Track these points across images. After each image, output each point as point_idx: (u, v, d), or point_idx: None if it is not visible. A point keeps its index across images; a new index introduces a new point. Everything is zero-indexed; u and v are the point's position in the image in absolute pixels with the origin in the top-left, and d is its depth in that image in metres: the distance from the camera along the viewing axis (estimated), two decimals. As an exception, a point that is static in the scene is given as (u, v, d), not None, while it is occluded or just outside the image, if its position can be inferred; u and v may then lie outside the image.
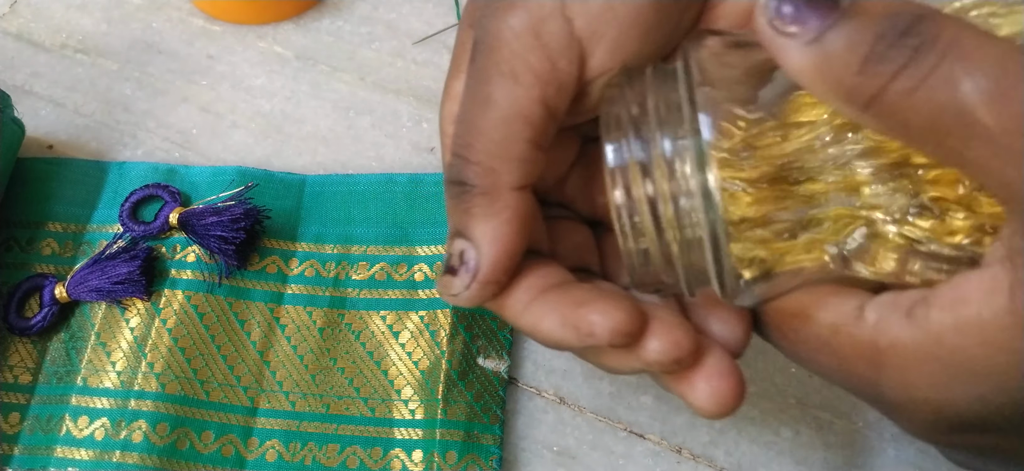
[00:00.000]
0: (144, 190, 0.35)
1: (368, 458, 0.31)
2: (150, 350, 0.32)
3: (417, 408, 0.31)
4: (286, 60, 0.41)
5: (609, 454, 0.31)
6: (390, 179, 0.36)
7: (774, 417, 0.32)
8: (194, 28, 0.42)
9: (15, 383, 0.32)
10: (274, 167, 0.37)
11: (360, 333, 0.33)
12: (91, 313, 0.33)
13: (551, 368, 0.33)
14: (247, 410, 0.32)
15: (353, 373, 0.32)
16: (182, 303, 0.33)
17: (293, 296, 0.34)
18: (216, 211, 0.34)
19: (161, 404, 0.31)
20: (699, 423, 0.32)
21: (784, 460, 0.31)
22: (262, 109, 0.39)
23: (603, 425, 0.32)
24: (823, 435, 0.31)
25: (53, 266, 0.34)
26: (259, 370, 0.32)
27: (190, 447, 0.30)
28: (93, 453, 0.30)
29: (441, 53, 0.41)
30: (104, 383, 0.31)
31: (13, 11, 0.43)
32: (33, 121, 0.38)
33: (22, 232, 0.35)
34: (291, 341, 0.33)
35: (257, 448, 0.31)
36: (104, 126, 0.39)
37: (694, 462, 0.31)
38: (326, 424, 0.31)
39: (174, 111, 0.39)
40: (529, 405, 0.32)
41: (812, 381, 0.32)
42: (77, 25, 0.42)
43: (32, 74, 0.40)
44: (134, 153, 0.38)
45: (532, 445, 0.31)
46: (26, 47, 0.41)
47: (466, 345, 0.32)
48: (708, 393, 0.22)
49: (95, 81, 0.40)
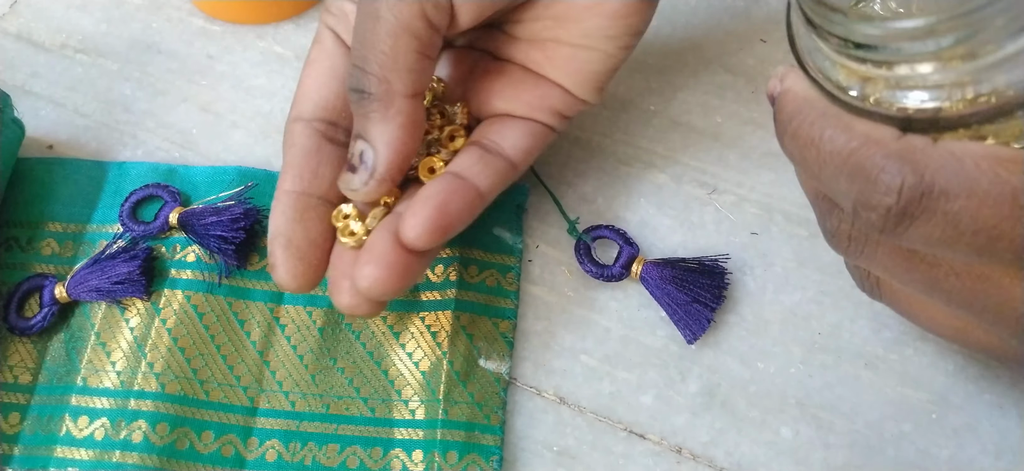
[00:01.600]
0: (144, 190, 0.35)
1: (368, 458, 0.31)
2: (150, 350, 0.32)
3: (418, 408, 0.31)
4: (286, 60, 0.41)
5: (609, 454, 0.31)
6: (390, 179, 0.36)
7: (774, 417, 0.32)
8: (194, 28, 0.42)
9: (15, 383, 0.32)
10: (274, 167, 0.37)
11: (360, 333, 0.33)
12: (91, 313, 0.33)
13: (551, 368, 0.33)
14: (247, 410, 0.32)
15: (353, 373, 0.32)
16: (182, 303, 0.33)
17: (293, 296, 0.34)
18: (216, 211, 0.34)
19: (161, 404, 0.31)
20: (699, 423, 0.32)
21: (784, 460, 0.31)
22: (262, 109, 0.39)
23: (603, 425, 0.32)
24: (823, 435, 0.31)
25: (53, 266, 0.34)
26: (259, 370, 0.32)
27: (190, 447, 0.30)
28: (93, 453, 0.30)
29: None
30: (104, 383, 0.31)
31: (13, 11, 0.43)
32: (33, 121, 0.38)
33: (22, 232, 0.35)
34: (291, 341, 0.33)
35: (257, 448, 0.31)
36: (104, 126, 0.39)
37: (694, 462, 0.31)
38: (326, 424, 0.31)
39: (174, 111, 0.39)
40: (529, 405, 0.32)
41: (812, 381, 0.32)
42: (77, 25, 0.42)
43: (32, 74, 0.40)
44: (134, 153, 0.38)
45: (532, 445, 0.31)
46: (26, 47, 0.41)
47: (468, 347, 0.32)
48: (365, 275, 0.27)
49: (95, 81, 0.40)
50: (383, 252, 0.27)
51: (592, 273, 0.34)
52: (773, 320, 0.34)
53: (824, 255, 0.35)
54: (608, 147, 0.38)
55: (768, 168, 0.37)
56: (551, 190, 0.36)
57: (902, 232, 0.21)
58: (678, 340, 0.33)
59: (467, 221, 0.29)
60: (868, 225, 0.21)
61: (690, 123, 0.39)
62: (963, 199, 0.20)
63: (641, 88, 0.40)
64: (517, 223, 0.35)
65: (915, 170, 0.20)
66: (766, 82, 0.40)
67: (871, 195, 0.21)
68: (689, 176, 0.37)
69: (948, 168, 0.20)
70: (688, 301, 0.33)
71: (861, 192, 0.21)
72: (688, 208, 0.36)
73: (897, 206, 0.20)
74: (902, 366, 0.32)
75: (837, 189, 0.22)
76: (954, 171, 0.20)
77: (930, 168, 0.20)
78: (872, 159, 0.21)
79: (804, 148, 0.22)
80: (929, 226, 0.20)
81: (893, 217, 0.21)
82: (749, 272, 0.35)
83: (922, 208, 0.20)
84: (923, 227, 0.20)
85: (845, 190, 0.22)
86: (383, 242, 0.27)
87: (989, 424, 0.31)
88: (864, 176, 0.21)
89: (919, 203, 0.20)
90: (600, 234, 0.35)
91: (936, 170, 0.20)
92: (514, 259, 0.35)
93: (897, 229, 0.21)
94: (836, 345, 0.33)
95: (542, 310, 0.34)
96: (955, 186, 0.20)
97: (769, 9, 0.43)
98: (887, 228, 0.21)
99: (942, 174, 0.20)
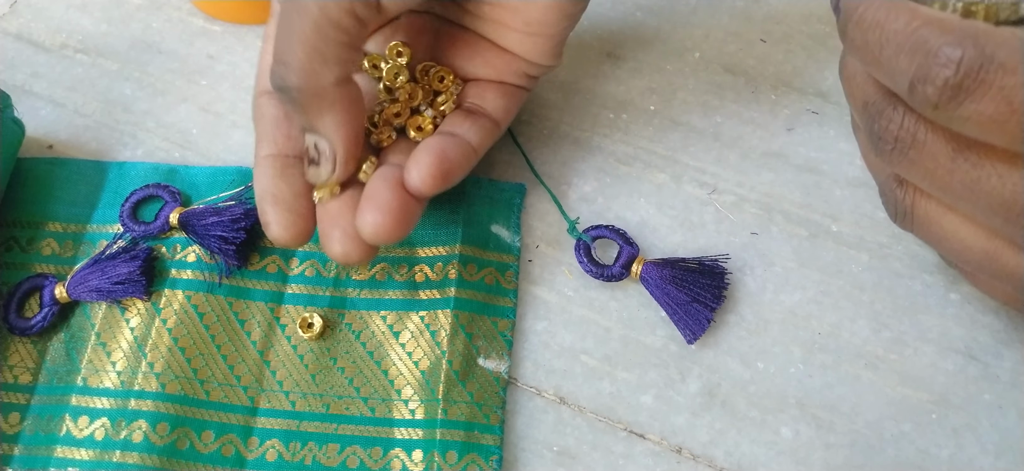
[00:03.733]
0: (144, 190, 0.35)
1: (368, 458, 0.31)
2: (150, 350, 0.32)
3: (417, 408, 0.31)
4: (286, 60, 0.41)
5: (609, 454, 0.31)
6: (390, 179, 0.36)
7: (774, 417, 0.32)
8: (194, 28, 0.42)
9: (15, 383, 0.32)
10: (274, 167, 0.37)
11: (360, 333, 0.33)
12: (91, 313, 0.33)
13: (551, 368, 0.33)
14: (247, 410, 0.32)
15: (353, 373, 0.32)
16: (182, 303, 0.33)
17: (293, 296, 0.34)
18: (216, 211, 0.34)
19: (161, 404, 0.31)
20: (699, 423, 0.32)
21: (784, 460, 0.31)
22: (262, 109, 0.39)
23: (603, 425, 0.32)
24: (823, 435, 0.31)
25: (53, 266, 0.34)
26: (259, 370, 0.32)
27: (190, 447, 0.30)
28: (93, 453, 0.30)
29: (441, 53, 0.41)
30: (104, 383, 0.31)
31: (13, 11, 0.43)
32: (33, 121, 0.38)
33: (22, 232, 0.35)
34: (291, 341, 0.33)
35: (257, 448, 0.31)
36: (104, 126, 0.39)
37: (694, 462, 0.31)
38: (326, 424, 0.31)
39: (174, 111, 0.39)
40: (529, 405, 0.32)
41: (812, 381, 0.32)
42: (77, 25, 0.42)
43: (32, 74, 0.40)
44: (134, 153, 0.38)
45: (532, 445, 0.31)
46: (26, 47, 0.41)
47: (467, 345, 0.32)
48: (367, 222, 0.28)
49: (95, 81, 0.40)
50: (385, 199, 0.28)
51: (592, 273, 0.34)
52: (773, 320, 0.34)
53: (824, 255, 0.35)
54: (608, 147, 0.38)
55: (768, 168, 0.37)
56: (551, 190, 0.36)
57: (955, 108, 0.21)
58: (678, 340, 0.33)
59: (465, 171, 0.31)
60: (923, 101, 0.22)
61: (690, 123, 0.39)
62: (1020, 73, 0.20)
63: (641, 88, 0.40)
64: (515, 221, 0.35)
65: (976, 44, 0.21)
66: (766, 82, 0.40)
67: (930, 67, 0.21)
68: (689, 176, 0.37)
69: (1009, 45, 0.20)
70: (688, 301, 0.33)
71: (920, 66, 0.21)
72: (688, 208, 0.36)
73: (955, 77, 0.21)
74: (902, 366, 0.32)
75: (896, 68, 0.22)
76: (1014, 48, 0.20)
77: (991, 44, 0.20)
78: (935, 35, 0.21)
79: (868, 30, 0.23)
80: (984, 101, 0.21)
81: (950, 89, 0.21)
82: (749, 272, 0.35)
83: (979, 80, 0.21)
84: (978, 102, 0.21)
85: (904, 68, 0.22)
86: (383, 190, 0.29)
87: (989, 424, 0.31)
88: (925, 50, 0.21)
89: (976, 75, 0.20)
90: (600, 234, 0.35)
91: (997, 45, 0.20)
92: (512, 258, 0.35)
93: (951, 104, 0.21)
94: (836, 345, 0.33)
95: (542, 310, 0.34)
96: (1013, 60, 0.20)
97: (769, 9, 0.43)
98: (942, 103, 0.21)
99: (1003, 49, 0.20)
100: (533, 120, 0.39)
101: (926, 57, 0.21)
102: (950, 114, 0.21)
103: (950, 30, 0.21)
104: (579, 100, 0.40)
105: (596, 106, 0.39)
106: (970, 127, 0.22)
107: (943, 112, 0.22)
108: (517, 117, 0.39)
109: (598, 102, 0.39)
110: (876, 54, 0.23)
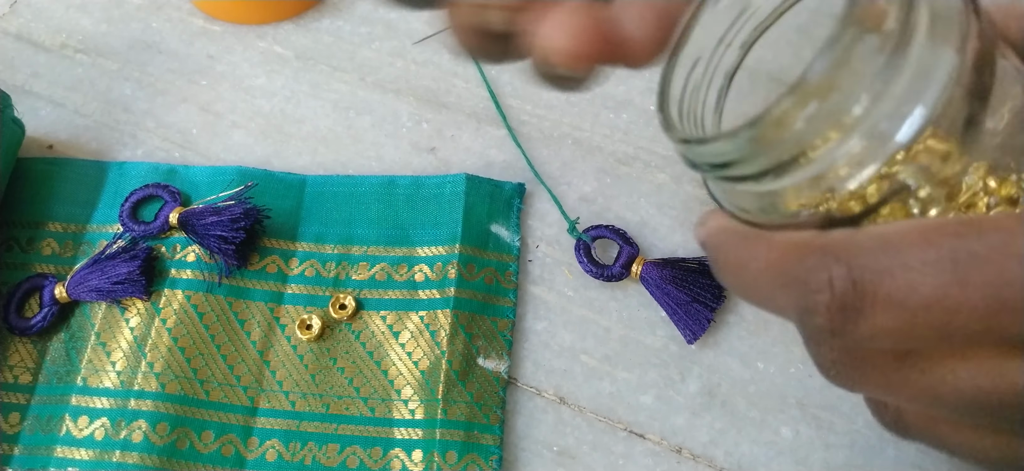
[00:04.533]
0: (144, 190, 0.35)
1: (368, 458, 0.31)
2: (150, 350, 0.32)
3: (417, 408, 0.31)
4: (286, 60, 0.41)
5: (609, 454, 0.31)
6: (391, 181, 0.36)
7: (774, 417, 0.32)
8: (194, 28, 0.42)
9: (15, 383, 0.32)
10: (274, 167, 0.37)
11: (360, 333, 0.33)
12: (91, 313, 0.33)
13: (551, 368, 0.33)
14: (247, 410, 0.32)
15: (353, 373, 0.32)
16: (182, 303, 0.33)
17: (293, 296, 0.34)
18: (216, 211, 0.34)
19: (161, 404, 0.31)
20: (699, 423, 0.32)
21: (784, 460, 0.31)
22: (262, 109, 0.39)
23: (603, 425, 0.32)
24: (823, 435, 0.31)
25: (53, 266, 0.34)
26: (259, 370, 0.32)
27: (190, 447, 0.30)
28: (93, 453, 0.30)
29: (441, 53, 0.41)
30: (104, 383, 0.31)
31: (13, 11, 0.43)
32: (33, 121, 0.38)
33: (22, 232, 0.35)
34: (291, 341, 0.33)
35: (257, 448, 0.31)
36: (104, 126, 0.39)
37: (694, 462, 0.31)
38: (326, 424, 0.31)
39: (174, 111, 0.39)
40: (529, 405, 0.32)
41: (812, 381, 0.32)
42: (77, 25, 0.42)
43: (32, 74, 0.41)
44: (134, 153, 0.38)
45: (532, 445, 0.31)
46: (26, 47, 0.41)
47: (466, 345, 0.32)
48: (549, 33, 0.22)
49: (95, 81, 0.40)
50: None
51: (592, 273, 0.34)
52: (773, 320, 0.33)
53: (824, 255, 0.35)
54: (608, 147, 0.38)
55: (768, 168, 0.37)
56: (551, 190, 0.36)
57: (854, 331, 0.18)
58: (678, 340, 0.33)
59: None
60: (822, 333, 0.19)
61: (690, 123, 0.39)
62: (899, 273, 0.18)
63: (641, 88, 0.40)
64: (515, 221, 0.35)
65: (838, 259, 0.18)
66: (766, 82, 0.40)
67: (806, 298, 0.19)
68: (689, 176, 0.37)
69: (873, 249, 0.18)
70: (688, 301, 0.33)
71: (798, 299, 0.19)
72: (688, 208, 0.36)
73: (834, 301, 0.18)
74: (902, 366, 0.32)
75: (780, 307, 0.20)
76: (879, 249, 0.18)
77: (854, 252, 0.18)
78: (794, 263, 0.19)
79: (737, 274, 0.21)
80: (875, 315, 0.18)
81: (836, 314, 0.18)
82: (749, 272, 0.35)
83: (859, 296, 0.18)
84: (870, 318, 0.18)
85: (784, 305, 0.20)
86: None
87: (989, 424, 0.31)
88: (795, 282, 0.19)
89: (854, 292, 0.18)
90: (600, 234, 0.35)
91: (860, 253, 0.18)
92: (512, 257, 0.35)
93: (847, 328, 0.18)
94: (836, 345, 0.33)
95: (542, 310, 0.34)
96: (885, 263, 0.18)
97: (769, 9, 0.43)
98: (838, 328, 0.19)
99: (869, 256, 0.18)
100: (533, 120, 0.39)
101: (798, 288, 0.19)
102: (855, 338, 0.19)
103: (809, 252, 0.19)
104: (579, 100, 0.40)
105: (596, 106, 0.39)
106: (881, 343, 0.19)
107: (849, 338, 0.19)
108: (517, 117, 0.39)
109: (598, 102, 0.39)
110: (754, 295, 0.21)
